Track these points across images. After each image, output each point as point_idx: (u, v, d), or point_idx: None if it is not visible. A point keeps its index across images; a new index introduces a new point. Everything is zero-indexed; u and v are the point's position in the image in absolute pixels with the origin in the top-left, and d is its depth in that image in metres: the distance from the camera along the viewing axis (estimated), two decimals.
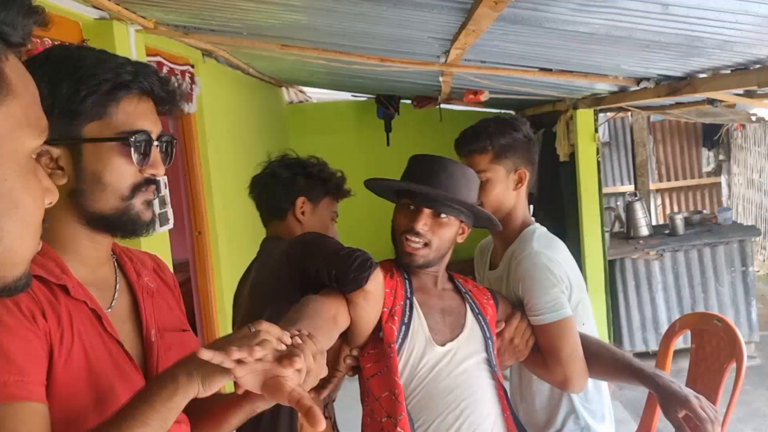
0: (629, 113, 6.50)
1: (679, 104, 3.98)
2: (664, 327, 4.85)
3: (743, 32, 1.77)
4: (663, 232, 5.30)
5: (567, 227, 5.13)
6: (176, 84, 1.07)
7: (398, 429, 1.43)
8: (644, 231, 5.20)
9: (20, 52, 0.66)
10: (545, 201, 5.27)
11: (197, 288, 4.21)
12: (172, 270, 1.30)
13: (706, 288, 4.86)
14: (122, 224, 1.01)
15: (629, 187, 7.86)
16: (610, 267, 4.74)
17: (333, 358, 1.48)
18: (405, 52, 3.07)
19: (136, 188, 1.01)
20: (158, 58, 3.53)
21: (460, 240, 1.64)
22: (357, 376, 1.56)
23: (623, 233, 5.40)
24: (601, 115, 4.59)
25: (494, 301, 1.67)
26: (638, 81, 3.04)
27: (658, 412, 2.57)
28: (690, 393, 1.55)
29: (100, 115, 0.97)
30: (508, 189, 1.78)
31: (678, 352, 2.60)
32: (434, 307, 1.57)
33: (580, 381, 1.66)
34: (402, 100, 6.54)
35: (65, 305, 0.94)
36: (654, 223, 6.17)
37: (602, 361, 1.69)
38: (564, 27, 1.91)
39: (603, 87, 3.55)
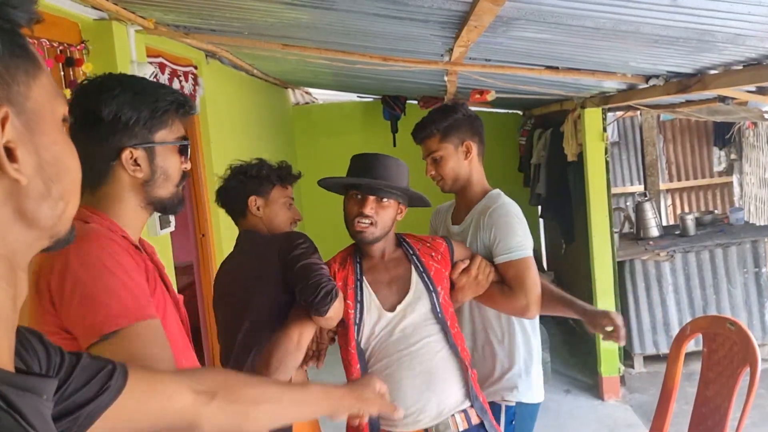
0: (638, 112, 6.42)
1: (689, 102, 3.91)
2: (675, 329, 4.78)
3: (756, 25, 1.71)
4: (674, 233, 5.22)
5: (575, 228, 5.06)
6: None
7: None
8: (654, 232, 5.12)
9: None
10: (553, 201, 5.20)
11: (202, 291, 4.18)
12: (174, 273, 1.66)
13: (717, 290, 4.78)
14: (173, 205, 1.38)
15: (639, 188, 7.77)
16: (620, 268, 4.66)
17: (318, 335, 1.97)
18: (408, 50, 3.02)
19: (182, 179, 1.38)
20: (160, 59, 3.50)
21: (399, 218, 1.97)
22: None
23: (633, 234, 5.32)
24: (609, 114, 4.52)
25: (448, 246, 2.01)
26: (647, 78, 2.97)
27: (670, 416, 2.51)
28: (606, 310, 2.00)
29: (166, 125, 1.33)
30: (460, 160, 2.16)
31: (689, 355, 2.54)
32: (382, 281, 1.92)
33: (535, 308, 2.00)
34: (408, 101, 6.49)
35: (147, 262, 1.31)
36: (664, 223, 6.08)
37: (546, 294, 2.04)
38: (569, 21, 1.85)
39: (611, 85, 3.48)
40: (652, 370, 4.83)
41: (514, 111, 6.91)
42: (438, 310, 1.89)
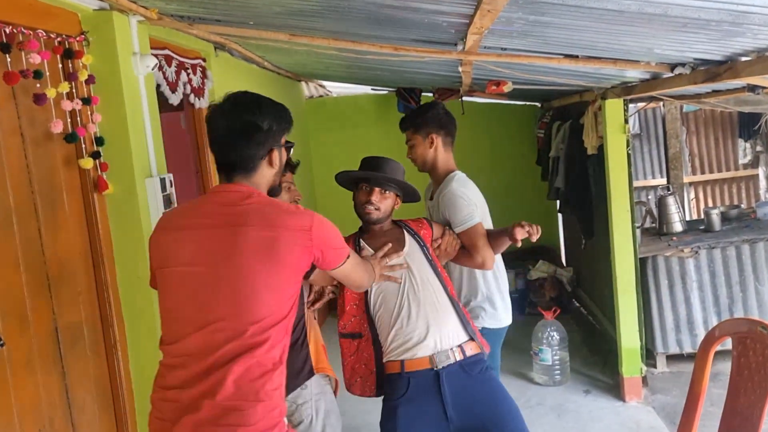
0: (661, 103, 6.23)
1: (715, 92, 3.74)
2: (700, 328, 4.62)
3: None
4: (698, 228, 5.05)
5: (595, 223, 4.90)
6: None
7: (342, 322, 2.50)
8: (678, 227, 4.95)
9: None
10: (573, 195, 5.04)
11: None
12: None
13: (744, 287, 4.60)
14: (275, 191, 1.99)
15: (661, 181, 7.57)
16: (642, 265, 4.51)
17: (320, 290, 2.56)
18: (420, 39, 2.89)
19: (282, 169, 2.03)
20: (166, 51, 3.40)
21: (396, 207, 2.60)
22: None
23: (655, 229, 5.15)
24: (631, 105, 4.35)
25: (429, 225, 2.66)
26: (672, 67, 2.81)
27: (697, 425, 2.37)
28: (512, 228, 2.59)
29: (288, 130, 1.98)
30: (426, 148, 2.88)
31: (715, 354, 2.39)
32: (377, 240, 2.53)
33: (490, 261, 2.67)
34: (423, 93, 6.35)
35: None
36: (687, 218, 5.90)
37: (495, 240, 2.68)
38: (590, 4, 1.71)
39: (633, 74, 3.32)
40: (676, 369, 4.68)
41: (532, 103, 6.75)
42: (430, 259, 2.50)
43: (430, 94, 6.24)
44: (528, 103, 6.77)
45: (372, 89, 6.75)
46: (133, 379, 2.82)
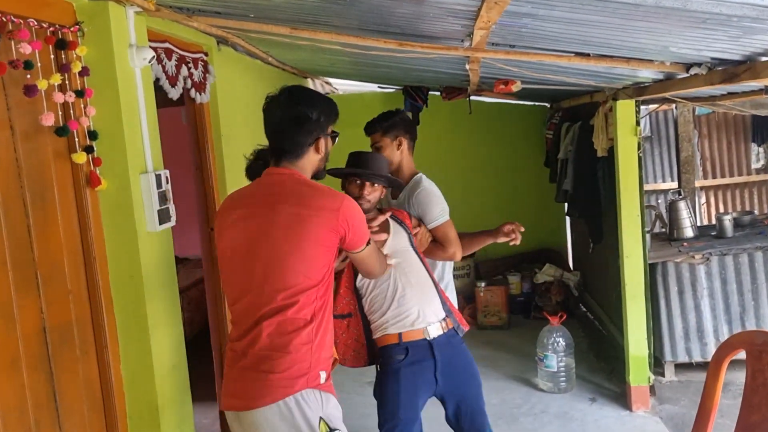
0: (673, 105, 6.11)
1: (731, 94, 3.62)
2: (710, 337, 4.51)
3: None
4: (709, 234, 4.93)
5: (604, 226, 4.80)
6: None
7: (335, 304, 2.61)
8: (689, 232, 4.84)
9: None
10: (581, 198, 4.93)
11: (210, 286, 4.01)
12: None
13: (757, 295, 4.48)
14: (321, 174, 2.26)
15: (671, 184, 7.44)
16: (651, 271, 4.40)
17: None
18: (425, 35, 2.79)
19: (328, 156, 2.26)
20: (166, 45, 3.32)
21: (382, 196, 2.84)
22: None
23: (665, 234, 5.04)
24: (642, 107, 4.23)
25: (409, 215, 2.93)
26: (688, 67, 2.70)
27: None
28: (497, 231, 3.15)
29: (334, 122, 2.22)
30: (393, 151, 3.05)
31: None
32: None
33: (459, 252, 2.95)
34: (431, 92, 6.25)
35: None
36: (698, 223, 5.77)
37: (464, 239, 3.03)
38: None
39: (647, 75, 3.21)
40: (684, 379, 4.57)
41: (541, 103, 6.63)
42: (412, 243, 2.79)
43: (438, 93, 6.14)
44: (537, 103, 6.66)
45: (379, 87, 6.66)
46: (123, 380, 2.74)
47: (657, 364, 4.49)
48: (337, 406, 2.17)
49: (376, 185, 2.73)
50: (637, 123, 3.99)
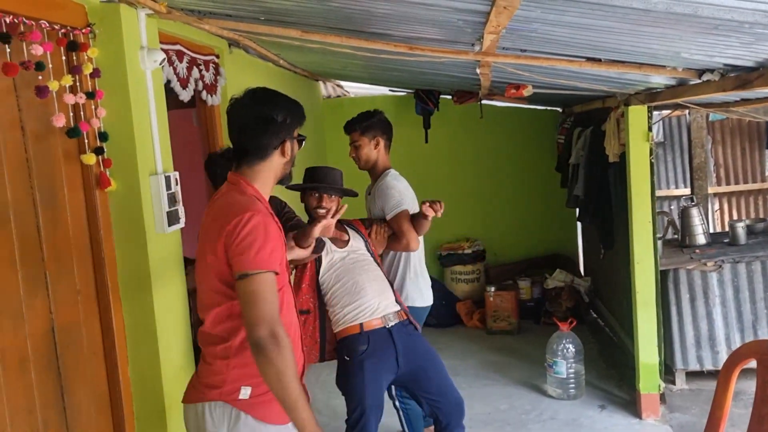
0: (686, 111, 6.06)
1: (744, 101, 3.59)
2: (721, 345, 4.46)
3: None
4: (722, 241, 4.88)
5: (615, 233, 4.76)
6: None
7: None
8: (701, 239, 4.79)
9: None
10: (592, 204, 4.89)
11: None
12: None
13: None
14: (287, 179, 2.13)
15: (683, 191, 7.38)
16: (663, 278, 4.36)
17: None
18: (435, 39, 2.78)
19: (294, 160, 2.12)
20: (178, 47, 3.33)
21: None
22: None
23: (677, 241, 4.99)
24: (655, 112, 4.20)
25: (364, 223, 3.24)
26: (700, 73, 2.68)
27: None
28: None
29: (301, 124, 2.11)
30: (371, 149, 3.34)
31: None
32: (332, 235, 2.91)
33: (414, 243, 3.19)
34: (442, 96, 6.24)
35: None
36: (711, 230, 5.72)
37: (418, 223, 3.19)
38: (613, 2, 1.59)
39: (659, 80, 3.18)
40: (695, 387, 4.51)
41: (553, 108, 6.60)
42: (369, 248, 3.11)
43: (449, 97, 6.13)
44: (548, 108, 6.63)
45: (390, 90, 6.65)
46: (132, 381, 2.75)
47: (667, 371, 4.45)
48: (258, 429, 1.97)
49: (333, 197, 2.98)
50: (649, 129, 3.96)
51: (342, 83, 6.83)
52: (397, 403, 3.36)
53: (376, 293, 2.96)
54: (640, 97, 3.78)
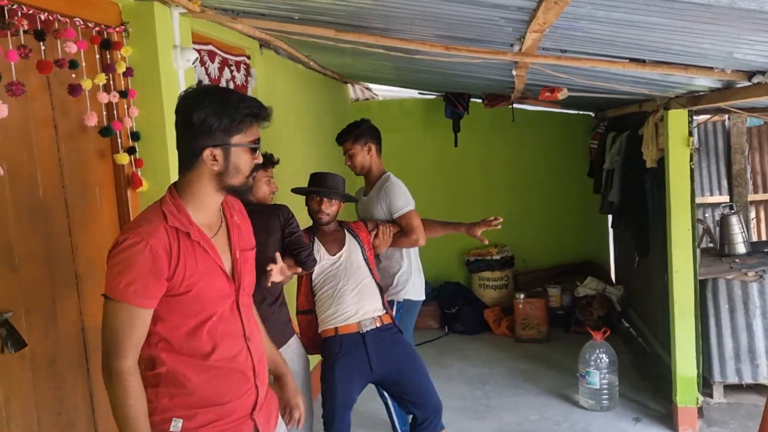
0: (727, 116, 5.90)
1: None
2: (761, 358, 4.30)
3: None
4: (762, 251, 4.72)
5: (652, 240, 4.63)
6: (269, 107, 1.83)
7: (299, 301, 3.22)
8: (741, 248, 4.63)
9: None
10: (627, 211, 4.77)
11: None
12: None
13: None
14: (242, 191, 1.82)
15: (719, 198, 7.17)
16: (701, 288, 4.22)
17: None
18: (472, 39, 2.71)
19: (252, 171, 1.80)
20: (210, 47, 3.31)
21: (340, 210, 3.21)
22: None
23: (715, 250, 4.84)
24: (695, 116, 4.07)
25: (364, 224, 3.36)
26: (750, 75, 2.57)
27: None
28: (471, 223, 3.63)
29: (241, 131, 1.74)
30: (365, 156, 3.50)
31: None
32: (327, 239, 3.18)
33: (423, 239, 3.38)
34: (472, 99, 6.15)
35: (188, 243, 1.74)
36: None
37: (428, 225, 3.52)
38: None
39: (703, 83, 3.07)
40: (734, 401, 4.36)
41: (585, 112, 6.48)
42: (365, 256, 3.19)
43: (479, 100, 6.04)
44: (581, 112, 6.51)
45: (419, 93, 6.59)
46: None
47: (705, 384, 4.30)
48: None
49: (333, 201, 3.13)
50: (690, 134, 3.83)
51: (371, 86, 6.77)
52: (386, 400, 3.44)
53: (355, 299, 3.07)
54: (681, 100, 3.67)
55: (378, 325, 3.10)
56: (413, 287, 3.56)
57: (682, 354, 4.02)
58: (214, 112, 1.69)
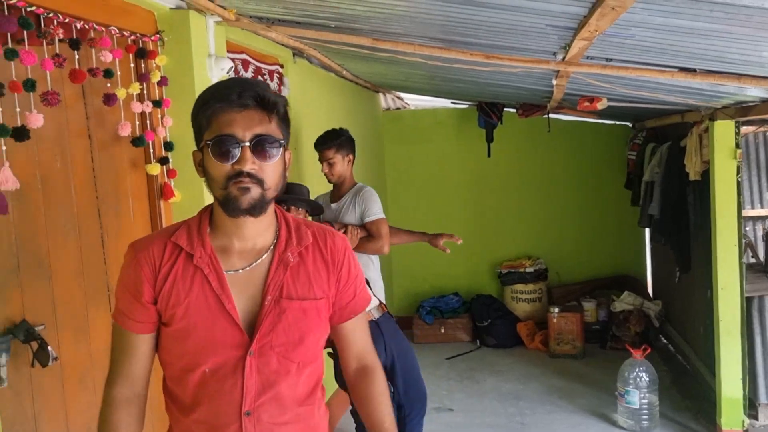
0: None
1: None
2: None
3: None
4: None
5: (694, 255, 4.47)
6: (263, 87, 1.36)
7: None
8: None
9: None
10: (669, 223, 4.61)
11: None
12: None
13: None
14: (226, 206, 1.36)
15: (761, 211, 6.95)
16: (747, 305, 4.05)
17: None
18: (514, 47, 2.62)
19: (229, 179, 1.33)
20: (243, 56, 3.27)
21: (306, 217, 3.16)
22: None
23: (759, 265, 4.65)
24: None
25: (330, 225, 2.99)
26: None
27: None
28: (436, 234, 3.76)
29: (207, 126, 1.35)
30: (344, 165, 3.52)
31: None
32: None
33: (387, 247, 3.39)
34: (506, 109, 6.05)
35: (188, 266, 1.41)
36: None
37: (394, 233, 3.63)
38: (743, 2, 1.41)
39: (755, 93, 2.94)
40: None
41: (623, 122, 6.33)
42: None
43: (513, 110, 5.94)
44: (618, 122, 6.36)
45: (452, 103, 6.50)
46: None
47: (750, 406, 4.12)
48: None
49: (299, 210, 3.15)
50: (737, 145, 3.69)
51: (402, 95, 6.71)
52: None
53: None
54: (729, 111, 3.53)
55: (384, 311, 3.29)
56: (380, 291, 3.62)
57: (727, 374, 3.86)
58: (194, 112, 1.40)
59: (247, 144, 1.31)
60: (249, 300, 1.41)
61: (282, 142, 1.36)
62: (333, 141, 3.51)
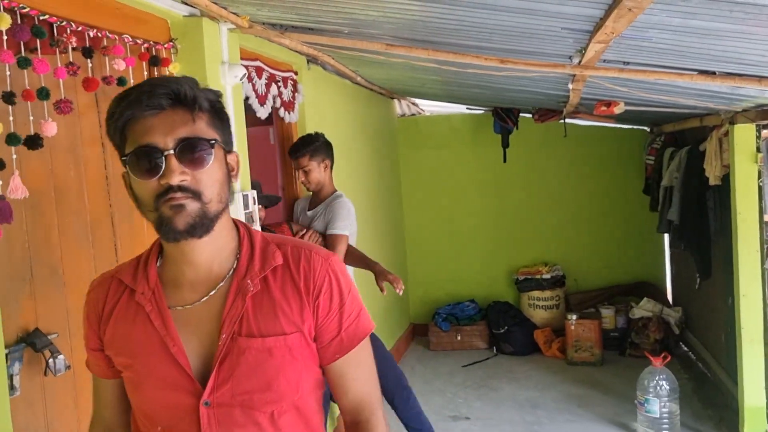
0: None
1: None
2: None
3: None
4: None
5: (715, 261, 4.40)
6: (182, 82, 1.12)
7: None
8: None
9: None
10: (689, 229, 4.54)
11: None
12: None
13: None
14: (160, 230, 1.12)
15: None
16: None
17: None
18: (529, 51, 2.59)
19: (157, 198, 1.10)
20: (257, 63, 3.27)
21: (262, 214, 3.12)
22: None
23: None
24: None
25: (288, 226, 3.41)
26: None
27: None
28: (386, 271, 3.36)
29: (122, 140, 1.14)
30: (320, 172, 3.43)
31: None
32: None
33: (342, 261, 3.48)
34: (522, 114, 6.01)
35: (130, 303, 1.21)
36: None
37: (351, 254, 3.39)
38: (763, 1, 1.37)
39: None
40: None
41: (640, 127, 6.26)
42: None
43: (529, 115, 5.90)
44: (635, 126, 6.29)
45: (467, 108, 6.47)
46: None
47: None
48: None
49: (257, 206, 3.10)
50: (758, 149, 3.62)
51: (417, 101, 6.69)
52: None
53: None
54: (750, 114, 3.46)
55: None
56: None
57: (750, 383, 3.79)
58: (105, 122, 1.18)
59: (171, 152, 1.08)
60: (203, 340, 1.17)
61: (214, 142, 1.13)
62: (306, 147, 3.41)
